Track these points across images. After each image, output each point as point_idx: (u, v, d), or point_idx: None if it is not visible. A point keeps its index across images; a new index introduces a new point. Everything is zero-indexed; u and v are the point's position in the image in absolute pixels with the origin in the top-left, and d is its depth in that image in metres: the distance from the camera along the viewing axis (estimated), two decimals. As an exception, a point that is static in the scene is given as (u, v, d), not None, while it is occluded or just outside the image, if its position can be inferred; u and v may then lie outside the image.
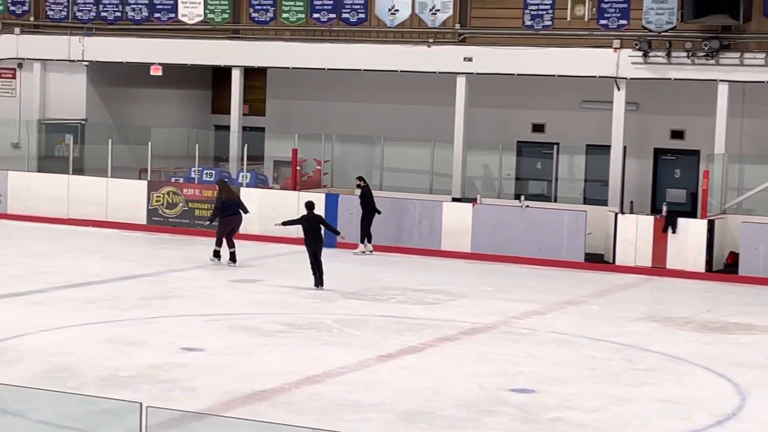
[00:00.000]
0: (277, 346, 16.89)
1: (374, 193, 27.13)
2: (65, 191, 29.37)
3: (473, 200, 27.40)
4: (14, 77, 33.04)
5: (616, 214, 25.81)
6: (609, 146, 27.64)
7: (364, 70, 29.87)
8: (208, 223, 25.64)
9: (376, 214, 26.39)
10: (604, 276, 24.94)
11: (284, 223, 23.11)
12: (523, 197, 27.20)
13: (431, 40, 29.01)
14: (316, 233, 22.04)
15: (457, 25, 28.81)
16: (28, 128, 32.45)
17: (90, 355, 15.75)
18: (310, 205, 22.56)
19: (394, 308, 20.20)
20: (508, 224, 26.33)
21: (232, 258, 24.07)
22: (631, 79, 27.23)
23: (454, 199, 28.16)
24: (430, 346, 17.32)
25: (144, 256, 25.03)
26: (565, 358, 16.82)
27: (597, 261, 25.94)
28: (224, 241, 24.28)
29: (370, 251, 26.47)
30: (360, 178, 27.28)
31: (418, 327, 18.60)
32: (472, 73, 28.59)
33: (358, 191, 26.92)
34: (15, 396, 9.59)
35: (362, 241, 26.50)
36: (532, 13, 28.10)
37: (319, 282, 21.60)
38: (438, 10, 28.87)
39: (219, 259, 24.24)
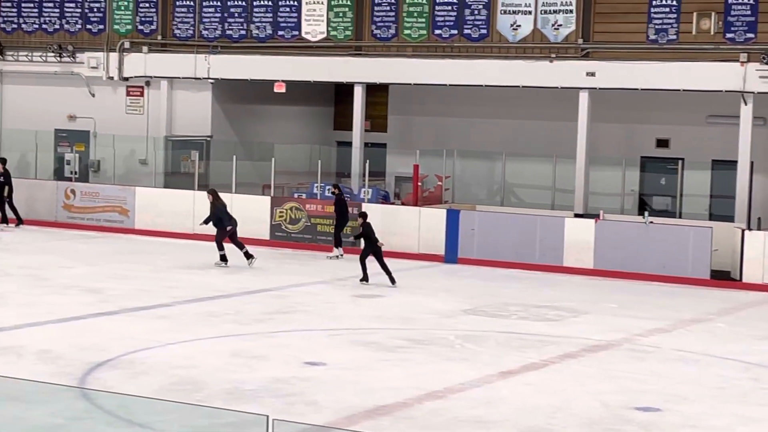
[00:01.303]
0: (398, 361, 16.92)
1: (495, 209, 27.07)
2: (191, 207, 29.83)
3: (596, 216, 27.15)
4: (142, 95, 33.71)
5: (743, 231, 25.33)
6: (735, 161, 27.15)
7: (486, 85, 29.82)
8: (203, 224, 26.36)
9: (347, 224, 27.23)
10: (731, 293, 24.48)
11: (356, 237, 24.72)
12: (646, 213, 26.87)
13: (553, 55, 28.85)
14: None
15: (580, 40, 28.61)
16: (155, 145, 33.06)
17: (215, 368, 15.96)
18: (365, 215, 24.28)
19: (515, 324, 20.09)
20: (631, 240, 26.02)
21: (248, 255, 25.42)
22: (758, 93, 26.74)
23: (577, 215, 27.92)
24: (552, 362, 17.18)
25: (267, 270, 25.29)
26: (691, 377, 16.55)
27: (723, 278, 25.48)
28: (223, 244, 25.42)
29: (341, 255, 27.13)
30: (335, 186, 27.92)
31: (540, 343, 18.47)
32: (595, 88, 28.35)
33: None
34: (143, 408, 9.76)
35: (337, 246, 27.28)
36: (656, 27, 27.78)
37: (392, 280, 23.44)
38: (561, 25, 28.70)
39: (227, 263, 25.22)
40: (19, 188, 31.73)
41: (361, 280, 24.08)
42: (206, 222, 25.97)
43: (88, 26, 34.18)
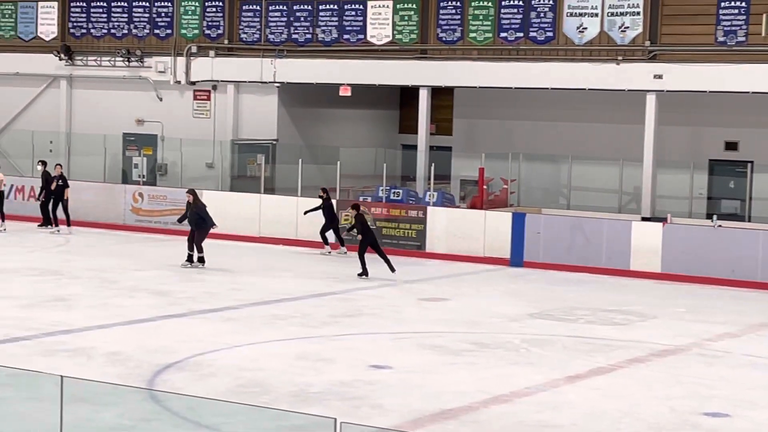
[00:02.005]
0: (464, 365, 16.88)
1: (561, 212, 26.98)
2: (257, 210, 29.98)
3: (663, 219, 26.92)
4: (209, 99, 33.96)
5: (814, 235, 24.98)
6: (806, 164, 26.81)
7: (552, 88, 29.70)
8: (178, 222, 26.76)
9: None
10: (801, 298, 24.16)
11: (349, 230, 25.73)
12: (715, 217, 26.59)
13: (620, 58, 28.66)
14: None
15: (647, 42, 28.39)
16: (222, 148, 33.28)
17: (281, 370, 16.02)
18: (357, 207, 25.66)
19: (582, 328, 19.97)
20: (699, 244, 25.76)
21: (200, 260, 25.37)
22: (829, 94, 26.39)
23: (644, 219, 27.70)
24: (619, 367, 17.06)
25: (333, 274, 25.35)
26: (761, 382, 16.35)
27: (793, 282, 25.15)
28: (194, 245, 25.34)
29: (329, 252, 27.97)
30: (323, 190, 28.20)
31: (607, 348, 18.34)
32: (663, 91, 28.13)
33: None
34: (211, 410, 9.82)
35: (326, 243, 27.98)
36: (725, 29, 27.50)
37: (391, 268, 24.43)
38: (627, 27, 28.51)
39: (204, 264, 25.22)
40: (87, 191, 32.10)
41: (360, 275, 24.47)
42: (180, 220, 26.25)
43: (156, 31, 34.49)
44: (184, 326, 19.04)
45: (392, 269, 24.57)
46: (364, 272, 24.62)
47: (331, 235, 28.18)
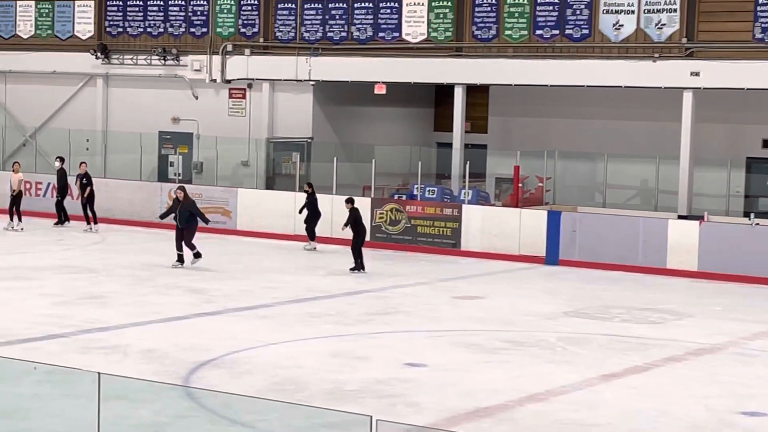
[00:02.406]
0: (499, 363, 16.85)
1: (597, 210, 26.85)
2: (292, 208, 30.02)
3: (700, 218, 26.76)
4: (244, 97, 34.04)
5: None
6: None
7: (588, 86, 29.59)
8: (160, 218, 26.52)
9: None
10: (840, 297, 23.96)
11: (345, 225, 25.42)
12: (752, 215, 26.41)
13: (657, 55, 28.51)
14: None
15: (684, 39, 28.23)
16: (257, 146, 33.36)
17: (316, 368, 16.03)
18: (352, 201, 25.75)
19: (618, 327, 19.88)
20: (736, 243, 25.59)
21: (196, 256, 24.76)
22: None
23: (680, 217, 27.55)
24: (655, 366, 16.97)
25: (367, 272, 25.33)
26: (799, 382, 16.23)
27: (832, 281, 24.95)
28: (183, 244, 24.89)
29: (314, 248, 28.12)
30: (309, 185, 28.67)
31: (642, 346, 18.26)
32: (700, 88, 27.95)
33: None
34: (246, 407, 9.84)
35: (312, 239, 28.27)
36: (762, 25, 27.30)
37: (361, 266, 24.70)
38: (664, 25, 28.35)
39: (183, 264, 24.78)
40: (123, 190, 32.26)
41: (353, 269, 24.67)
42: (163, 217, 26.05)
43: (192, 29, 34.61)
44: (220, 324, 19.10)
45: (363, 268, 24.77)
46: (357, 267, 24.80)
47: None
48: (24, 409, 12.53)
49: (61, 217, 31.12)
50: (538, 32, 29.98)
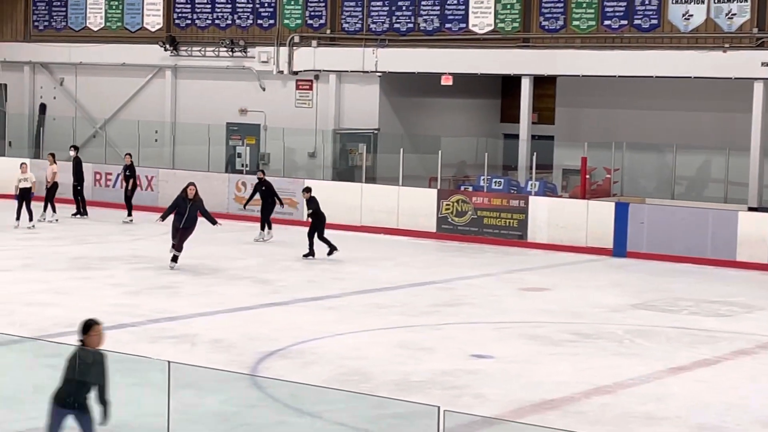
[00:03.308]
0: (566, 355, 16.77)
1: (665, 202, 26.61)
2: (358, 199, 30.08)
3: (770, 210, 26.44)
4: (311, 89, 34.14)
5: None
6: None
7: (656, 77, 29.33)
8: (161, 220, 23.88)
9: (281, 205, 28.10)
10: None
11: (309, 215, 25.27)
12: (824, 207, 26.05)
13: (727, 45, 28.19)
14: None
15: (755, 29, 27.88)
16: (324, 138, 33.45)
17: (382, 359, 16.06)
18: (309, 189, 25.93)
19: (686, 320, 19.71)
20: (808, 235, 25.24)
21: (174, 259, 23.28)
22: None
23: (751, 209, 27.23)
24: (724, 359, 16.81)
25: (434, 263, 25.35)
26: None
27: None
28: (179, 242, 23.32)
29: (271, 238, 27.75)
30: (261, 170, 29.12)
31: (711, 339, 18.09)
32: (770, 79, 27.61)
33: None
34: (313, 397, 9.89)
35: (262, 229, 27.83)
36: (835, 14, 26.89)
37: (331, 249, 24.78)
38: (734, 14, 28.02)
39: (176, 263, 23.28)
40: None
41: (305, 255, 24.73)
42: (164, 217, 23.79)
43: (259, 21, 34.77)
44: (286, 314, 19.20)
45: (331, 251, 24.89)
46: (311, 253, 24.87)
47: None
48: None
49: (80, 206, 30.84)
50: (607, 22, 29.76)
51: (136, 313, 18.64)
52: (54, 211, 29.69)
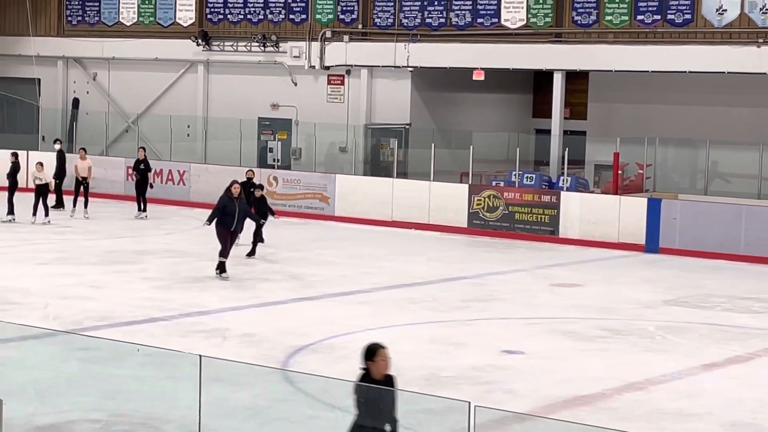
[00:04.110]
0: (597, 351, 16.72)
1: (698, 198, 26.47)
2: (389, 194, 30.08)
3: (805, 206, 26.25)
4: (342, 83, 34.15)
5: None
6: None
7: (690, 72, 29.18)
8: (208, 224, 21.66)
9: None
10: None
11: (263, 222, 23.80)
12: None
13: (761, 40, 28.01)
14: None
15: (789, 24, 27.71)
16: (355, 133, 33.46)
17: (413, 354, 16.06)
18: (262, 187, 25.28)
19: (719, 316, 19.61)
20: (842, 231, 25.06)
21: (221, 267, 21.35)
22: None
23: (784, 205, 27.06)
24: (757, 356, 16.72)
25: (465, 258, 25.32)
26: None
27: None
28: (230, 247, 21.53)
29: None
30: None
31: (744, 336, 17.99)
32: (805, 74, 27.42)
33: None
34: (344, 391, 9.89)
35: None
36: None
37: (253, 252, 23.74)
38: (769, 9, 27.84)
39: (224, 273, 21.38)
40: (223, 175, 32.45)
41: (248, 255, 23.77)
42: (212, 219, 21.56)
43: (291, 16, 34.81)
44: (318, 309, 19.23)
45: (253, 254, 23.79)
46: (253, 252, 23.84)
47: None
48: (127, 390, 12.76)
49: (61, 201, 30.39)
50: (640, 17, 29.63)
51: (167, 308, 18.71)
52: (85, 206, 29.40)
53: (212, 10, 36.15)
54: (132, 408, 12.52)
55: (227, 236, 21.34)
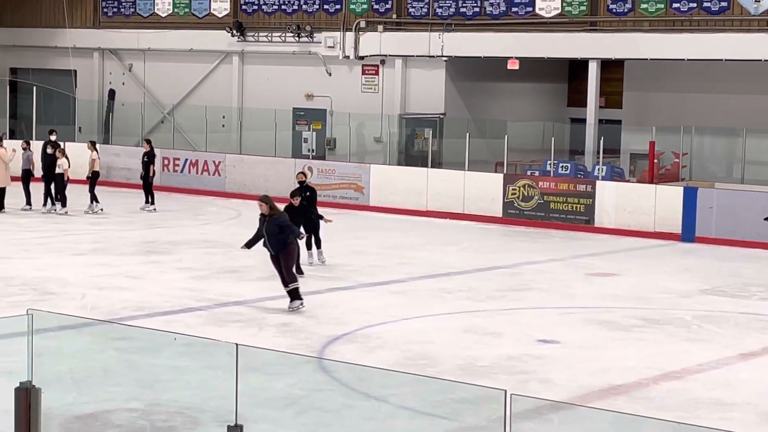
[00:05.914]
0: (633, 341, 16.68)
1: (735, 186, 26.31)
2: (424, 184, 30.07)
3: (842, 194, 26.05)
4: (377, 73, 34.15)
5: None
6: None
7: (726, 60, 29.00)
8: (245, 248, 19.11)
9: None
10: None
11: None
12: None
13: (798, 28, 27.82)
14: None
15: (827, 11, 27.49)
16: (390, 123, 33.46)
17: (448, 344, 16.07)
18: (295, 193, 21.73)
19: (756, 305, 19.50)
20: None
21: (294, 294, 18.10)
22: None
23: (822, 193, 26.86)
24: (795, 345, 16.63)
25: (500, 248, 25.29)
26: None
27: None
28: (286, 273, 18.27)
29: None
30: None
31: (782, 325, 17.90)
32: (843, 61, 27.20)
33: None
34: (380, 381, 9.93)
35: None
36: None
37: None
38: (806, -4, 27.62)
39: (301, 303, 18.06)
40: (258, 166, 32.63)
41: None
42: (251, 245, 18.93)
43: (326, 6, 34.83)
44: (353, 299, 19.26)
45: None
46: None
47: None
48: (163, 380, 12.84)
49: (47, 197, 28.74)
50: (675, 5, 29.46)
51: (203, 297, 18.80)
52: (97, 201, 28.68)
53: (247, 1, 36.22)
54: (169, 398, 12.60)
55: (273, 262, 18.55)
